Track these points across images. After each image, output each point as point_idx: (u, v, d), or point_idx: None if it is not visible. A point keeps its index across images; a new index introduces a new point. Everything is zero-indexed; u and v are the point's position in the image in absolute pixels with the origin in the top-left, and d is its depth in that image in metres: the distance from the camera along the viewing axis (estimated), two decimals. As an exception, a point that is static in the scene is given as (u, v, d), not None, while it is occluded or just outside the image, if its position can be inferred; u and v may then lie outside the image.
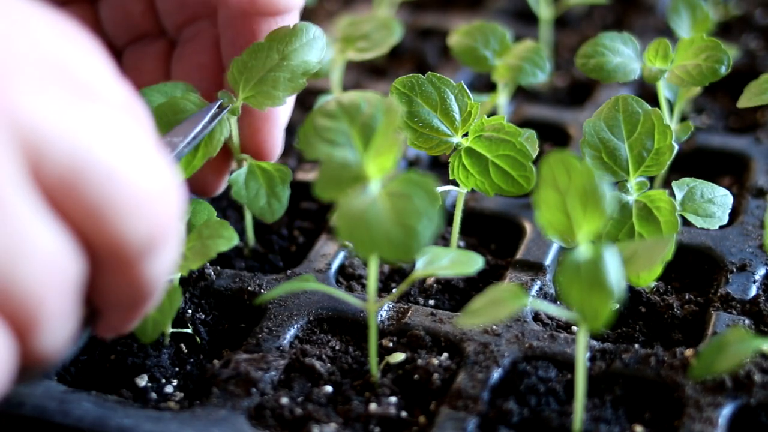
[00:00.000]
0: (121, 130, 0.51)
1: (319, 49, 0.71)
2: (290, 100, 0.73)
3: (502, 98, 0.87)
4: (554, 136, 0.88)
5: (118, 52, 0.78)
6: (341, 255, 0.76)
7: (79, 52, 0.53)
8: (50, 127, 0.49)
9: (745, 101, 0.78)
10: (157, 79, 0.76)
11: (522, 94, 0.92)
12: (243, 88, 0.70)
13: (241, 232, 0.78)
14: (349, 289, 0.73)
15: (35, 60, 0.51)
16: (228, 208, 0.83)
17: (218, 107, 0.70)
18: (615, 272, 0.55)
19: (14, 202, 0.48)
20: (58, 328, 0.51)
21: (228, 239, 0.66)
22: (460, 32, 0.89)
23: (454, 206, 0.75)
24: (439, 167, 0.85)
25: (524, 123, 0.87)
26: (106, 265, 0.52)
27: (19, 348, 0.50)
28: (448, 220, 0.76)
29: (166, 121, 0.69)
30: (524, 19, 1.03)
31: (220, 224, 0.67)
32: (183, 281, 0.70)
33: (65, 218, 0.50)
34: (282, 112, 0.74)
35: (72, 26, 0.54)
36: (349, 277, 0.75)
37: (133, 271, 0.53)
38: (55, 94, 0.50)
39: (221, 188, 0.76)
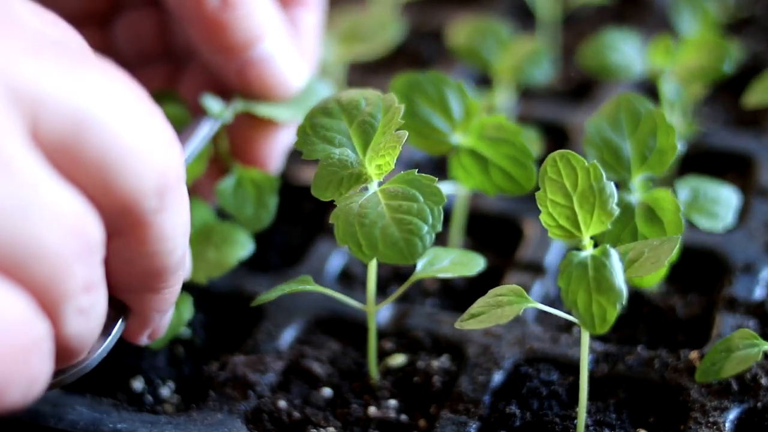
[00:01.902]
0: (117, 89, 0.51)
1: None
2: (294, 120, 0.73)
3: (502, 97, 0.87)
4: (555, 135, 0.88)
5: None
6: (340, 255, 0.75)
7: (64, 30, 0.54)
8: (47, 88, 0.48)
9: (752, 100, 0.77)
10: None
11: (523, 93, 0.91)
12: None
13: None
14: (349, 290, 0.72)
15: (24, 29, 0.51)
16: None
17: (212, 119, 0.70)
18: (622, 273, 0.54)
19: (22, 162, 0.47)
20: (89, 306, 0.50)
21: (244, 245, 0.67)
22: (461, 31, 0.88)
23: (453, 206, 0.74)
24: (440, 169, 0.85)
25: (525, 122, 0.86)
26: (121, 230, 0.52)
27: (53, 331, 0.49)
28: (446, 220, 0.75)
29: None
30: (526, 18, 1.03)
31: (232, 229, 0.68)
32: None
33: (71, 181, 0.49)
34: (284, 125, 0.73)
35: (51, 13, 0.55)
36: (348, 277, 0.74)
37: (148, 231, 0.52)
38: (49, 57, 0.49)
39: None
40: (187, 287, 0.66)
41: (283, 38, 0.70)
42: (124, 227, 0.52)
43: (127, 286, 0.56)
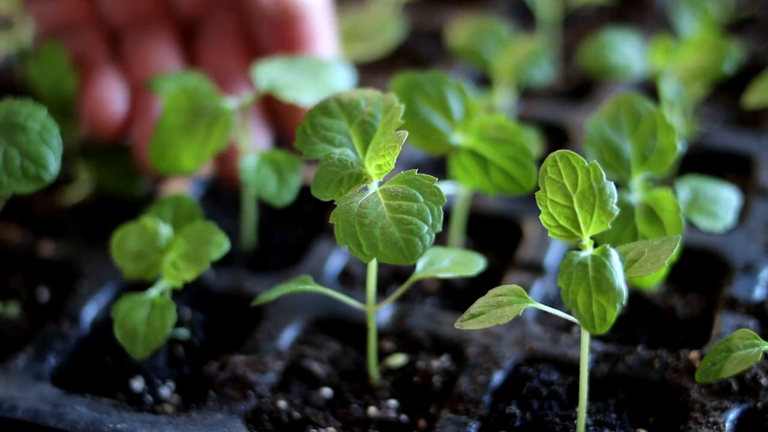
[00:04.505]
0: None
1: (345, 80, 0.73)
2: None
3: (502, 97, 0.87)
4: (555, 135, 0.88)
5: (115, 35, 0.78)
6: (340, 255, 0.75)
7: None
8: None
9: (753, 100, 0.77)
10: (167, 66, 0.76)
11: (523, 93, 0.91)
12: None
13: (236, 232, 0.77)
14: (349, 290, 0.72)
15: None
16: (219, 204, 0.82)
17: None
18: (622, 273, 0.54)
19: None
20: None
21: (219, 245, 0.65)
22: (461, 31, 0.88)
23: (453, 206, 0.74)
24: (440, 169, 0.85)
25: (525, 122, 0.86)
26: None
27: None
28: (446, 220, 0.75)
29: (179, 112, 0.69)
30: (526, 18, 1.03)
31: (208, 229, 0.66)
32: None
33: None
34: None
35: None
36: (348, 277, 0.74)
37: None
38: None
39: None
40: (186, 286, 0.66)
41: None
42: None
43: None
